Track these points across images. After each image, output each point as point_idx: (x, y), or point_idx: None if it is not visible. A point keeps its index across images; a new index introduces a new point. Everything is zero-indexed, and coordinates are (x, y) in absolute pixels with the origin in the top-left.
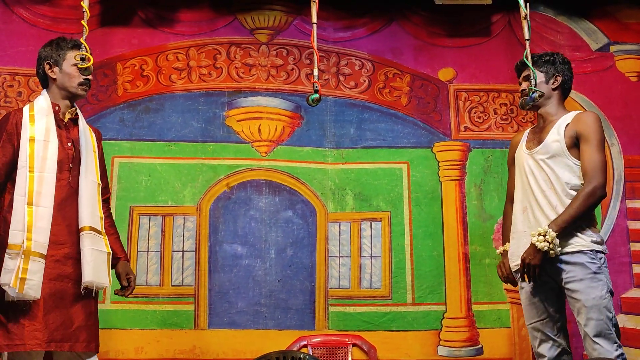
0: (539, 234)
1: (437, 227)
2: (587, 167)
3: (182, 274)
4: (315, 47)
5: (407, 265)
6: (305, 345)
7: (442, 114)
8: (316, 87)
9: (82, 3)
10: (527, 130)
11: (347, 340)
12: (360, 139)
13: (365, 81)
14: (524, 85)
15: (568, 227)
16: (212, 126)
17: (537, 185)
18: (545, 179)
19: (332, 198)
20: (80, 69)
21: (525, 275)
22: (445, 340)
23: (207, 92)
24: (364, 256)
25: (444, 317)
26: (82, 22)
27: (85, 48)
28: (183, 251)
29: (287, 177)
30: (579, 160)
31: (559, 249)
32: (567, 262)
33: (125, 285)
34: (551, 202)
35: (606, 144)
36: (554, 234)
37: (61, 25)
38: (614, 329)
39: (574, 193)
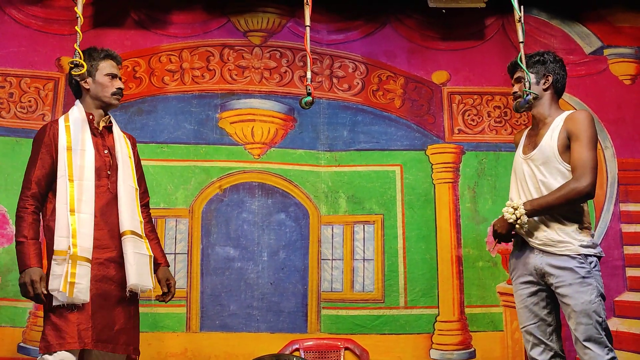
0: (512, 207)
1: (430, 230)
2: (576, 164)
3: (174, 276)
4: (309, 50)
5: (399, 269)
6: (297, 349)
7: (435, 116)
8: (309, 89)
9: (75, 9)
10: (526, 132)
11: (339, 343)
12: (354, 142)
13: (358, 84)
14: (516, 87)
15: (541, 212)
16: (205, 128)
17: (528, 192)
18: (535, 186)
19: (325, 201)
20: (74, 75)
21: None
22: (437, 344)
23: (200, 94)
24: (356, 259)
25: (436, 321)
26: (76, 28)
27: (79, 54)
28: (175, 253)
29: (280, 180)
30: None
31: (526, 225)
32: (556, 267)
33: (166, 291)
34: None
35: (600, 147)
36: (524, 211)
37: (53, 27)
38: (604, 333)
39: None
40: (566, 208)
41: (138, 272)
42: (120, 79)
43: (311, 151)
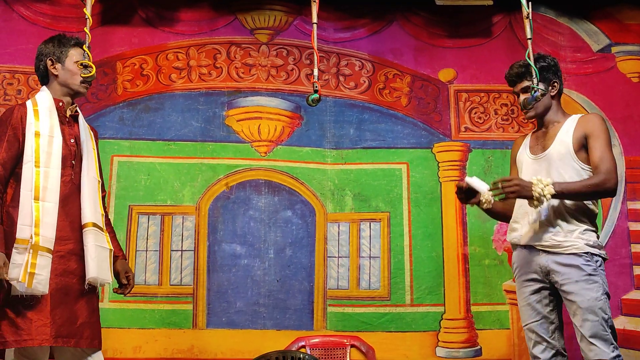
0: (543, 183)
1: (437, 228)
2: (599, 163)
3: (181, 273)
4: (316, 48)
5: (406, 266)
6: (303, 346)
7: (442, 114)
8: (316, 87)
9: (84, 10)
10: (529, 135)
11: (345, 341)
12: (360, 140)
13: (365, 82)
14: (522, 98)
15: (566, 196)
16: (212, 126)
17: None
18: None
19: (332, 198)
20: (84, 77)
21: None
22: (443, 342)
23: (207, 92)
24: (362, 257)
25: (442, 318)
26: (85, 29)
27: (88, 56)
28: (182, 250)
29: (287, 177)
30: (586, 163)
31: (543, 204)
32: (562, 264)
33: (125, 283)
34: (552, 207)
35: None
36: (552, 192)
37: (61, 24)
38: (610, 330)
39: None
40: (587, 198)
41: (98, 266)
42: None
43: (317, 149)
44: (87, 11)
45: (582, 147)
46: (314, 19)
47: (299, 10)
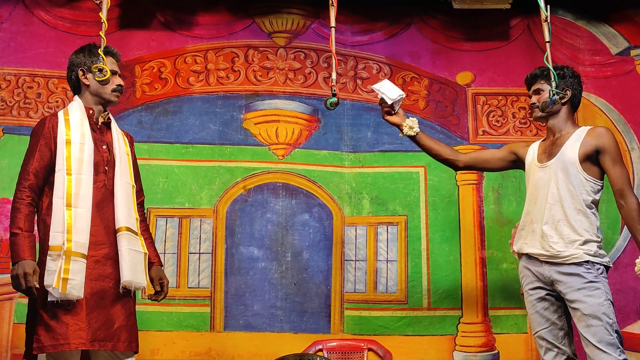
0: None
1: (454, 231)
2: (622, 185)
3: (199, 276)
4: (333, 51)
5: (423, 270)
6: (320, 349)
7: (460, 117)
8: (334, 91)
9: (100, 14)
10: (537, 143)
11: (362, 344)
12: (377, 143)
13: None
14: (534, 99)
15: None
16: (230, 129)
17: (544, 199)
18: (553, 192)
19: (349, 202)
20: (98, 81)
21: None
22: (461, 346)
23: (225, 95)
24: (380, 260)
25: (460, 322)
26: (100, 33)
27: (103, 60)
28: (199, 253)
29: (304, 180)
30: (591, 175)
31: (547, 213)
32: (564, 274)
33: (158, 290)
34: (555, 216)
35: (626, 149)
36: None
37: (81, 28)
38: (616, 335)
39: (581, 207)
40: (583, 215)
41: (132, 269)
42: (120, 75)
43: (335, 152)
44: (103, 15)
45: (588, 159)
46: (332, 22)
47: (317, 14)
